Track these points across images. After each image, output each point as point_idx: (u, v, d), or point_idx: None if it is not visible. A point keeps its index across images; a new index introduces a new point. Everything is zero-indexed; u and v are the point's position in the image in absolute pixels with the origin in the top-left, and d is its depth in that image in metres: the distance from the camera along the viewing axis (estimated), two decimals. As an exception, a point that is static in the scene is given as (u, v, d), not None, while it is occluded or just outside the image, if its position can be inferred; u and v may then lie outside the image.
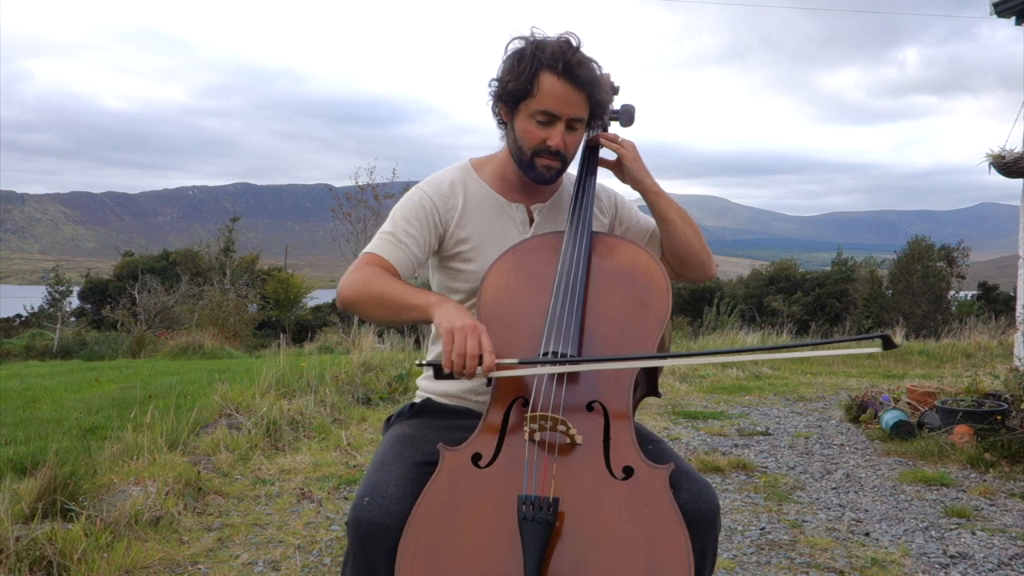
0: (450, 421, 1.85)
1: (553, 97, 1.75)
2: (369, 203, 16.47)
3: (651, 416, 6.23)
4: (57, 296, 28.59)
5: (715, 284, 31.22)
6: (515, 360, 1.62)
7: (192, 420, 4.67)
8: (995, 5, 7.33)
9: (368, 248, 1.87)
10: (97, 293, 31.31)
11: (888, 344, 1.46)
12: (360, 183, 16.71)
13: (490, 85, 1.84)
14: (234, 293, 21.88)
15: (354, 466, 4.43)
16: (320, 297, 33.83)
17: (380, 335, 9.75)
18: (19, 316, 27.69)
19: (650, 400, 6.85)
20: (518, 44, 1.79)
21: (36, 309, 27.47)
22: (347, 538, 1.59)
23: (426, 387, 2.00)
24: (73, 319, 26.54)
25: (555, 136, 1.77)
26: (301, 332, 19.68)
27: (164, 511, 3.37)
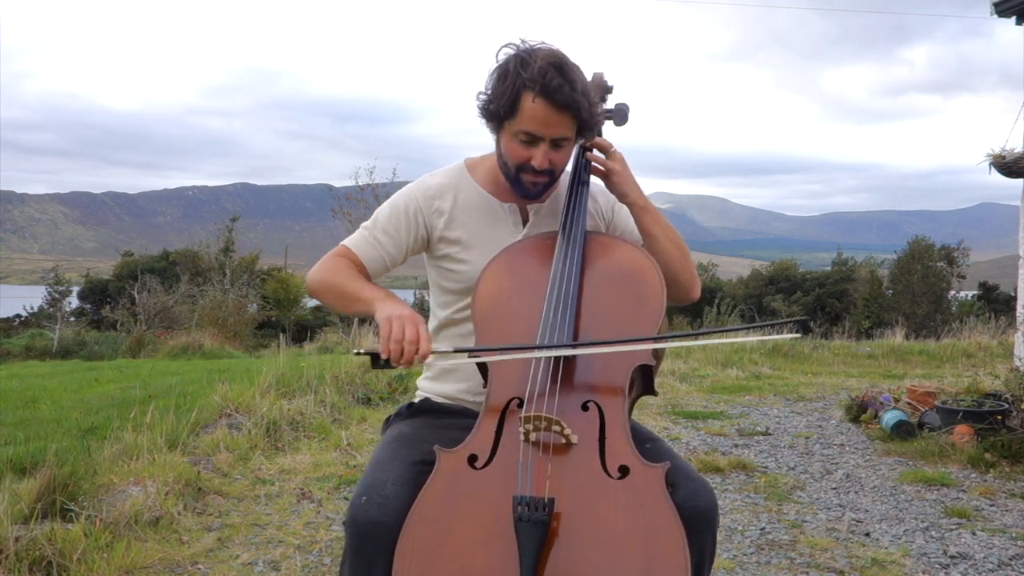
0: (448, 420, 1.85)
1: (534, 120, 1.72)
2: (369, 203, 16.45)
3: (651, 416, 6.23)
4: (57, 296, 28.60)
5: (715, 284, 31.23)
6: (449, 348, 1.69)
7: (192, 420, 4.66)
8: (995, 5, 7.33)
9: (346, 240, 1.93)
10: (97, 293, 31.31)
11: (806, 329, 1.50)
12: (360, 183, 16.71)
13: (477, 99, 1.82)
14: (234, 293, 21.86)
15: (354, 466, 4.42)
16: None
17: (380, 335, 9.73)
18: (19, 316, 27.69)
19: (650, 400, 6.84)
20: (506, 53, 1.75)
21: (36, 309, 27.47)
22: (344, 537, 1.59)
23: (425, 387, 2.00)
24: (73, 319, 26.54)
25: (538, 156, 1.75)
26: (301, 332, 19.66)
27: (164, 511, 3.37)
